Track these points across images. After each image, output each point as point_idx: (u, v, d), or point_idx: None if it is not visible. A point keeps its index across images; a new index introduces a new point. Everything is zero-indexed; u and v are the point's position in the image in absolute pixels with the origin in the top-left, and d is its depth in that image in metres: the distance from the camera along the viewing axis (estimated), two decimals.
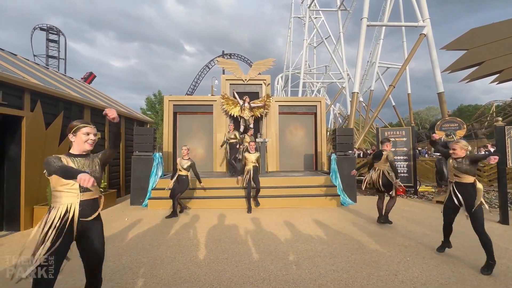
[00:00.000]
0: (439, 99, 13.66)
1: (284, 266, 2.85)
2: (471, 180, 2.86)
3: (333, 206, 5.87)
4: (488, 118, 22.21)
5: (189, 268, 2.83)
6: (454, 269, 2.75)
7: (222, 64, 8.94)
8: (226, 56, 34.63)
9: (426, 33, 13.97)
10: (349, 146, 6.80)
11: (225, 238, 3.78)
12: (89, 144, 1.74)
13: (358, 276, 2.62)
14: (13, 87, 4.17)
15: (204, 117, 8.63)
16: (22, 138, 4.32)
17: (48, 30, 24.87)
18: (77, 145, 1.72)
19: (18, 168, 4.30)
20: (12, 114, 4.17)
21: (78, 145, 1.72)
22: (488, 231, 2.91)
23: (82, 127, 1.71)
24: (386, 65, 27.47)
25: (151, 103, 27.93)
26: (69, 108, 5.48)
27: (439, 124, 6.92)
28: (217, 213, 5.28)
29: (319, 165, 8.47)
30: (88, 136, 1.73)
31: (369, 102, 24.88)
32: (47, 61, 24.52)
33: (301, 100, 9.26)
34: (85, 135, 1.71)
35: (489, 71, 5.05)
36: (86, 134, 1.72)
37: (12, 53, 6.24)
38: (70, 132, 1.72)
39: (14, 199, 4.29)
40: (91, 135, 1.75)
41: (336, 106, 37.71)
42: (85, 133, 1.71)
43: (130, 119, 8.10)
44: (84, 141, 1.71)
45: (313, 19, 27.37)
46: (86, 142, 1.72)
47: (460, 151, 2.90)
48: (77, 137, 1.71)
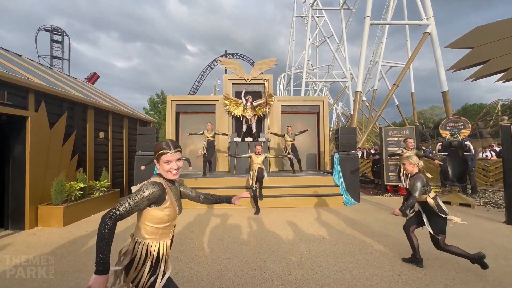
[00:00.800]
0: (444, 98, 13.51)
1: (286, 266, 2.84)
2: (423, 199, 2.65)
3: (336, 206, 5.84)
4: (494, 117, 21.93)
5: (191, 267, 2.84)
6: (459, 270, 2.71)
7: (224, 64, 8.93)
8: (229, 56, 34.65)
9: (430, 32, 13.82)
10: (352, 145, 6.76)
11: (228, 238, 3.78)
12: (172, 174, 1.43)
13: (361, 276, 2.60)
14: (17, 87, 4.21)
15: (206, 116, 8.63)
16: (27, 138, 4.36)
17: (52, 31, 25.12)
18: (163, 173, 1.44)
19: (22, 168, 4.34)
20: (17, 114, 4.21)
21: (163, 173, 1.44)
22: (494, 232, 2.88)
23: (161, 155, 1.40)
24: (390, 64, 27.24)
25: (154, 103, 28.02)
26: (72, 108, 5.52)
27: (444, 123, 6.84)
28: (219, 212, 5.29)
29: (321, 165, 8.43)
30: (169, 164, 1.41)
31: (372, 101, 24.70)
32: (51, 61, 24.76)
33: (303, 100, 9.21)
34: (166, 164, 1.40)
35: (494, 69, 4.97)
36: (167, 162, 1.40)
37: (17, 54, 6.31)
38: (154, 158, 1.46)
39: (18, 198, 4.33)
40: (173, 163, 1.41)
41: (339, 106, 37.50)
42: (165, 161, 1.40)
43: (133, 119, 8.14)
44: (166, 171, 1.42)
45: (316, 18, 27.25)
46: (168, 171, 1.42)
47: (409, 167, 2.71)
48: (160, 166, 1.42)
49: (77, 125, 5.65)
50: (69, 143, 5.30)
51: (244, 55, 36.45)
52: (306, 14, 29.05)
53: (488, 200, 6.30)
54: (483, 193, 6.99)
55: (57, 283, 2.53)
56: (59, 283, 2.53)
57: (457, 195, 6.01)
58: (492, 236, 3.75)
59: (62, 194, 4.62)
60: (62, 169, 5.00)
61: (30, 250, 3.37)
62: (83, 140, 5.87)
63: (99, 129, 6.47)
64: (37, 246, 3.54)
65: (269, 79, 8.49)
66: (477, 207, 5.74)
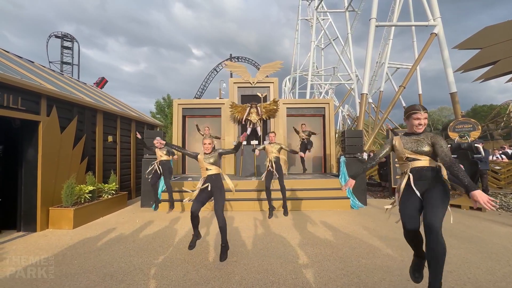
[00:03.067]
0: (452, 100, 13.26)
1: (293, 270, 2.83)
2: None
3: (343, 209, 5.78)
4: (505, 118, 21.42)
5: (198, 270, 2.85)
6: (470, 275, 2.65)
7: (229, 67, 9.02)
8: (234, 59, 34.90)
9: (437, 32, 13.64)
10: (359, 148, 6.70)
11: (234, 241, 3.79)
12: (418, 128, 2.05)
13: (369, 281, 2.57)
14: (30, 93, 4.35)
15: (212, 120, 8.72)
16: (39, 141, 4.48)
17: (62, 37, 25.82)
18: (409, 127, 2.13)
19: (34, 171, 4.46)
20: (30, 118, 4.34)
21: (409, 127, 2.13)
22: (506, 236, 2.81)
23: (413, 114, 2.04)
24: (396, 66, 26.95)
25: (160, 107, 28.40)
26: (82, 112, 5.66)
27: (452, 125, 6.73)
28: (226, 215, 5.29)
29: (328, 168, 8.38)
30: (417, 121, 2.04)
31: (379, 103, 24.43)
32: (62, 67, 25.43)
33: (309, 102, 9.21)
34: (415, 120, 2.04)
35: (504, 70, 4.89)
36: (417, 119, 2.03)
37: (29, 60, 6.51)
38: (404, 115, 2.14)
39: (30, 201, 4.44)
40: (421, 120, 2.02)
41: (345, 108, 37.20)
42: (415, 118, 2.03)
43: (141, 122, 8.27)
44: (413, 126, 2.06)
45: (321, 20, 27.24)
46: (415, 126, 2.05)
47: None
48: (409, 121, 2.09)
49: (87, 129, 5.78)
50: (79, 147, 5.42)
51: (249, 59, 36.63)
52: (310, 17, 29.07)
53: (500, 204, 6.14)
54: (494, 196, 6.82)
55: (67, 284, 2.58)
56: (69, 285, 2.58)
57: (467, 198, 5.88)
58: (505, 241, 3.65)
59: (72, 197, 4.72)
60: (72, 172, 5.12)
61: (41, 252, 3.44)
62: (93, 143, 5.99)
63: (108, 133, 6.60)
64: (48, 247, 3.62)
65: (274, 82, 8.53)
66: (488, 210, 5.60)
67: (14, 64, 5.06)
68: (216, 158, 3.23)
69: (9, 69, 4.47)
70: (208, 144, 3.20)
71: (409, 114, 2.06)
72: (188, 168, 8.66)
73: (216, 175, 3.22)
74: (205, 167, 3.19)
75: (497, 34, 5.07)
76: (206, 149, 3.21)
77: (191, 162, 8.66)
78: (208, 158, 3.21)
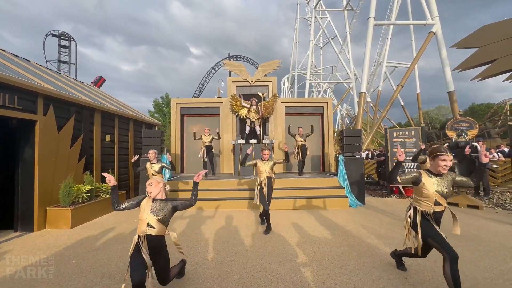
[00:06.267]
0: (450, 98, 13.31)
1: (292, 269, 2.83)
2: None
3: (341, 208, 5.80)
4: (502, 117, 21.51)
5: (197, 269, 2.85)
6: (468, 273, 2.67)
7: (228, 66, 8.99)
8: (232, 58, 34.80)
9: (435, 31, 13.67)
10: (357, 147, 6.71)
11: (233, 240, 3.78)
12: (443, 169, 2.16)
13: (367, 279, 2.58)
14: (27, 92, 4.31)
15: (211, 119, 8.69)
16: (36, 141, 4.45)
17: (59, 36, 25.61)
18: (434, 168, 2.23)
19: (31, 170, 4.43)
20: (27, 118, 4.31)
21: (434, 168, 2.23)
22: (504, 234, 2.83)
23: (440, 155, 2.16)
24: (394, 65, 27.01)
25: (158, 106, 28.31)
26: (80, 111, 5.62)
27: (450, 124, 6.75)
28: (224, 214, 5.30)
29: (326, 167, 8.39)
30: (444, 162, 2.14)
31: (377, 102, 24.49)
32: (59, 66, 25.24)
33: (307, 101, 9.20)
34: (442, 161, 2.15)
35: (502, 69, 4.90)
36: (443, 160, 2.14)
37: (26, 59, 6.46)
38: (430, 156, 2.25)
39: (28, 201, 4.42)
40: (447, 161, 2.14)
41: (343, 107, 37.30)
42: (442, 159, 2.14)
43: (139, 121, 8.24)
44: (438, 166, 2.17)
45: (319, 19, 27.21)
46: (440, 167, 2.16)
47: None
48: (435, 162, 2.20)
49: (84, 128, 5.74)
50: (77, 146, 5.39)
51: (248, 58, 36.55)
52: (309, 15, 29.03)
53: (497, 202, 6.18)
54: (491, 194, 6.86)
55: (65, 284, 2.57)
56: (67, 284, 2.57)
57: (464, 196, 5.91)
58: (502, 239, 3.68)
59: (69, 197, 4.70)
60: (70, 171, 5.09)
61: (39, 252, 3.43)
62: (90, 143, 5.96)
63: (106, 132, 6.57)
64: (45, 247, 3.60)
65: (273, 81, 8.51)
66: (485, 208, 5.63)
67: (11, 63, 5.02)
68: (271, 164, 4.38)
69: (6, 68, 4.43)
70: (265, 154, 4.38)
71: (436, 155, 2.18)
72: (186, 168, 8.65)
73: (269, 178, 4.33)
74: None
75: (495, 33, 5.08)
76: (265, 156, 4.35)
77: (190, 162, 8.64)
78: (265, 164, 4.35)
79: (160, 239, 2.13)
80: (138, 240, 2.05)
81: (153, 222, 2.07)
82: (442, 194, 2.16)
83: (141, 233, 2.06)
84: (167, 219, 2.15)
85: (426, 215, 2.24)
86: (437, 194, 2.16)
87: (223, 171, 8.36)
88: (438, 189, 2.17)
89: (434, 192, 2.16)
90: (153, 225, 2.07)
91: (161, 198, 2.21)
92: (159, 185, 2.22)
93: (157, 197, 2.18)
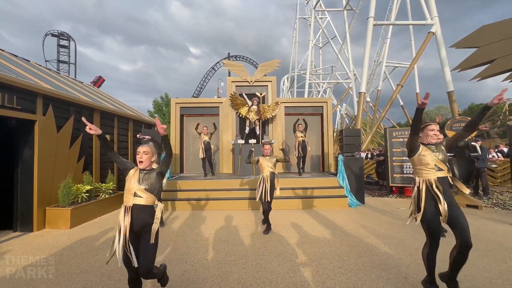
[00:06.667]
0: (449, 98, 13.34)
1: (291, 268, 2.84)
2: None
3: (341, 208, 5.80)
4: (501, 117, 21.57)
5: (196, 269, 2.85)
6: (467, 273, 2.67)
7: (228, 66, 8.99)
8: (232, 58, 34.80)
9: (434, 31, 13.69)
10: (357, 147, 6.72)
11: (232, 240, 3.79)
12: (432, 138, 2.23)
13: (367, 279, 2.58)
14: (26, 92, 4.30)
15: (210, 119, 8.67)
16: (35, 141, 4.44)
17: (59, 36, 25.57)
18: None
19: (31, 170, 4.42)
20: (26, 118, 4.30)
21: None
22: (503, 234, 2.83)
23: (427, 126, 2.23)
24: (394, 64, 27.04)
25: (158, 106, 28.28)
26: (79, 111, 5.61)
27: (449, 124, 6.77)
28: (224, 214, 5.30)
29: (326, 166, 8.39)
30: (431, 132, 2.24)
31: (377, 102, 24.53)
32: (58, 66, 25.19)
33: (307, 101, 9.21)
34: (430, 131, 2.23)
35: (501, 69, 4.91)
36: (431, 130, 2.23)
37: (25, 59, 6.45)
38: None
39: (27, 201, 4.41)
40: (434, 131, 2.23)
41: (343, 107, 37.32)
42: (430, 129, 2.22)
43: (138, 121, 8.23)
44: (428, 136, 2.24)
45: (319, 19, 27.21)
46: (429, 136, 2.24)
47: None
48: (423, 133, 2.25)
49: (84, 128, 5.70)
50: (76, 146, 5.38)
51: (248, 57, 36.57)
52: (309, 16, 29.03)
53: (496, 202, 6.19)
54: (491, 194, 6.88)
55: (65, 284, 2.57)
56: (66, 284, 2.57)
57: (463, 196, 5.92)
58: (501, 239, 3.69)
59: (69, 197, 4.69)
60: (69, 171, 5.08)
61: (38, 252, 3.42)
62: (90, 143, 5.95)
63: (105, 132, 6.55)
64: (45, 247, 3.60)
65: (273, 81, 8.52)
66: (485, 208, 5.64)
67: (10, 63, 5.01)
68: (274, 161, 4.28)
69: (5, 67, 4.42)
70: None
71: (424, 127, 2.25)
72: (186, 168, 8.64)
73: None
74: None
75: (495, 33, 5.09)
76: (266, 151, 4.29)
77: (190, 162, 8.63)
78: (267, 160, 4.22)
79: (149, 210, 2.05)
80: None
81: (139, 191, 2.01)
82: (439, 159, 2.20)
83: (127, 203, 2.00)
84: (154, 187, 2.07)
85: (431, 188, 2.17)
86: (436, 160, 2.19)
87: (222, 171, 8.36)
88: (435, 155, 2.21)
89: (432, 158, 2.19)
90: (139, 194, 2.01)
91: (147, 169, 2.13)
92: (153, 157, 2.16)
93: (146, 168, 2.12)
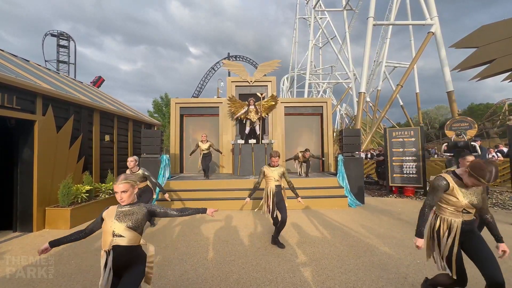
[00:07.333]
0: (449, 98, 13.36)
1: (291, 268, 2.84)
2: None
3: (341, 208, 5.80)
4: (501, 117, 21.60)
5: (196, 269, 2.85)
6: (467, 273, 2.67)
7: (227, 66, 8.98)
8: (232, 58, 34.80)
9: (434, 31, 13.70)
10: (356, 147, 6.72)
11: (232, 240, 3.79)
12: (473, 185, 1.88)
13: (366, 278, 2.59)
14: (26, 92, 4.30)
15: (210, 119, 8.69)
16: (35, 141, 4.44)
17: (58, 36, 25.55)
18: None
19: (30, 170, 4.42)
20: (25, 118, 4.30)
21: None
22: (502, 234, 2.82)
23: (479, 179, 1.70)
24: (394, 64, 27.08)
25: (158, 106, 28.27)
26: (79, 111, 5.61)
27: (449, 124, 6.77)
28: (223, 214, 5.30)
29: (326, 166, 8.40)
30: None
31: (376, 102, 24.57)
32: (58, 66, 25.17)
33: (307, 101, 9.20)
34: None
35: (501, 68, 4.92)
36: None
37: (25, 59, 6.44)
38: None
39: (27, 201, 4.41)
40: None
41: (343, 107, 37.35)
42: (477, 183, 1.79)
43: (138, 121, 8.23)
44: (471, 182, 1.81)
45: (319, 19, 27.23)
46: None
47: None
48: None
49: (83, 128, 5.73)
50: (76, 146, 5.38)
51: (247, 57, 36.57)
52: (308, 16, 29.05)
53: (495, 201, 6.20)
54: (490, 194, 6.88)
55: (64, 284, 2.57)
56: (66, 284, 2.57)
57: None
58: None
59: (69, 197, 4.69)
60: (69, 171, 5.08)
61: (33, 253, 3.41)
62: (89, 143, 5.95)
63: (105, 132, 6.56)
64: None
65: (272, 81, 8.52)
66: None
67: (9, 63, 5.00)
68: (281, 172, 3.66)
69: (4, 68, 4.41)
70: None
71: (477, 177, 1.72)
72: (186, 168, 8.64)
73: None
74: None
75: (494, 33, 5.10)
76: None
77: (189, 162, 8.63)
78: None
79: (133, 250, 1.64)
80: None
81: (120, 229, 1.60)
82: (473, 204, 1.87)
83: (105, 246, 1.60)
84: (139, 225, 1.67)
85: (451, 228, 1.93)
86: (468, 204, 1.86)
87: (222, 171, 8.36)
88: (469, 199, 1.86)
89: (463, 201, 1.86)
90: (121, 233, 1.60)
91: (130, 203, 1.72)
92: (134, 191, 1.74)
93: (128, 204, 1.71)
